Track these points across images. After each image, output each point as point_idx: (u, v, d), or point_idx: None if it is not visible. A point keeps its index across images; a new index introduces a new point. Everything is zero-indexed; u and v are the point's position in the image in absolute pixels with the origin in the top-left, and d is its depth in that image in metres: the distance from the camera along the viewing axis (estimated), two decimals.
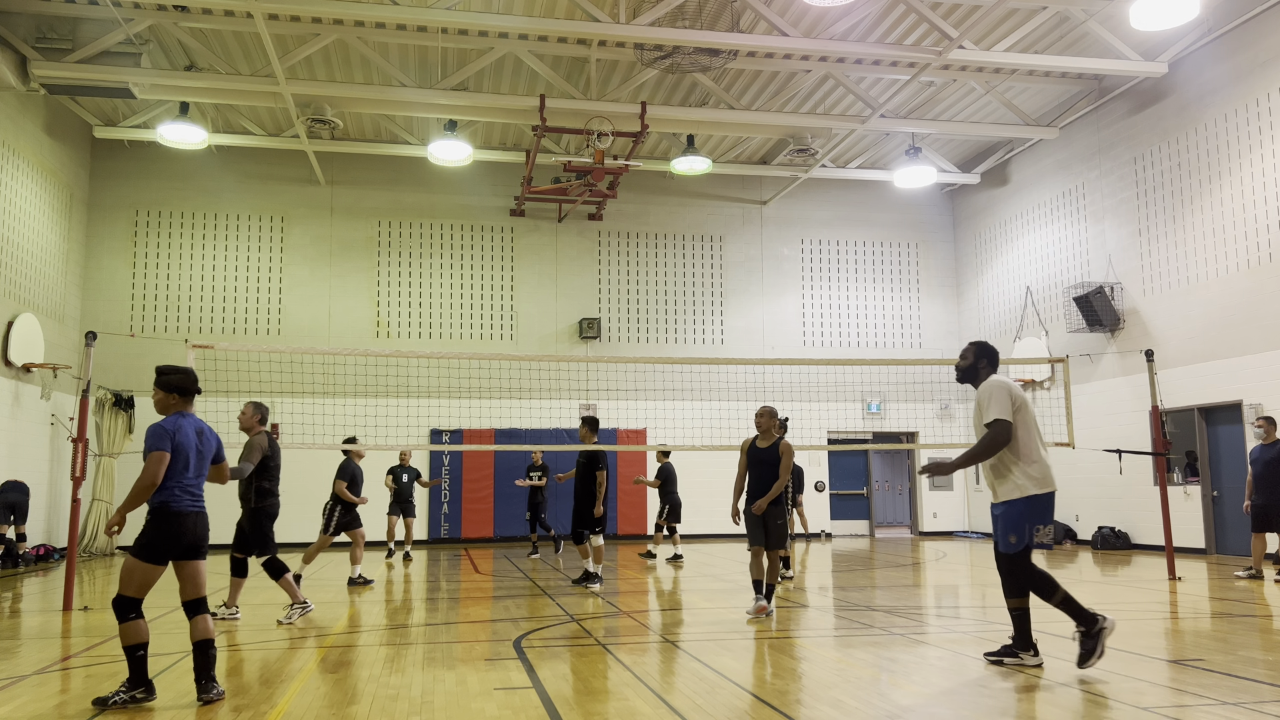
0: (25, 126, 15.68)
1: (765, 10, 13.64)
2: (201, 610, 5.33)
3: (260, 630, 7.94)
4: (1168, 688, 5.42)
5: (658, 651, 6.81)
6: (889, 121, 16.93)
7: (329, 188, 19.38)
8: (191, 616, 5.33)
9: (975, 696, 5.23)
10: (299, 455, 17.88)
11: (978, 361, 6.36)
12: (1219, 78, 14.59)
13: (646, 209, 20.58)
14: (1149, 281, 15.99)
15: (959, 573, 12.80)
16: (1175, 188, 15.49)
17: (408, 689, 5.54)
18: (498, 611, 8.90)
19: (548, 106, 15.08)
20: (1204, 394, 14.67)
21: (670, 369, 18.71)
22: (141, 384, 17.81)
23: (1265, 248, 13.79)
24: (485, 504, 18.98)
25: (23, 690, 5.59)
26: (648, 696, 5.29)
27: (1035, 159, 19.01)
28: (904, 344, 21.35)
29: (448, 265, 19.69)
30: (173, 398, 5.50)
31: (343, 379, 17.77)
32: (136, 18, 13.84)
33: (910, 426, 20.81)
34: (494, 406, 18.99)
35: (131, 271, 18.52)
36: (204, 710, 5.03)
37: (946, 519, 21.06)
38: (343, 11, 12.98)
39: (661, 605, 9.44)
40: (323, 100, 15.32)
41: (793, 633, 7.65)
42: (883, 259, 21.57)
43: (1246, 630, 7.55)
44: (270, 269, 19.05)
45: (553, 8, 13.77)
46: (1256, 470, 10.95)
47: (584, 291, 20.16)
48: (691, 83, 16.21)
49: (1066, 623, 6.38)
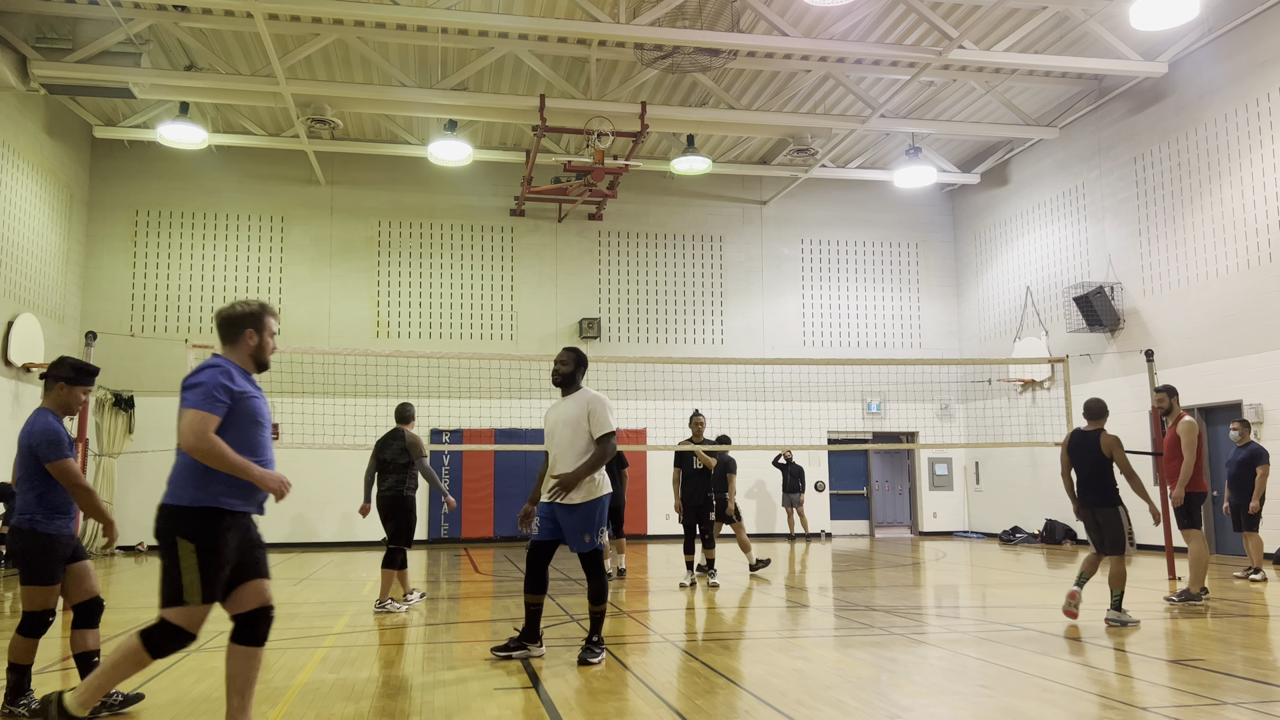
0: (25, 126, 15.68)
1: (765, 10, 13.64)
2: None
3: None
4: (1168, 688, 5.42)
5: (658, 651, 6.81)
6: (889, 121, 16.93)
7: (329, 188, 19.38)
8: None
9: (975, 696, 5.23)
10: (299, 455, 17.90)
11: (576, 370, 6.43)
12: (1219, 78, 14.59)
13: (646, 209, 20.58)
14: (1149, 281, 15.98)
15: (959, 573, 12.80)
16: (1175, 188, 15.49)
17: (407, 689, 5.54)
18: (498, 611, 8.90)
19: (548, 106, 15.08)
20: (1204, 394, 14.67)
21: (670, 369, 18.71)
22: (142, 384, 17.83)
23: (1265, 248, 13.79)
24: (485, 504, 18.98)
25: None
26: (648, 696, 5.29)
27: (1035, 159, 19.01)
28: (904, 344, 21.35)
29: (448, 265, 19.69)
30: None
31: (343, 379, 17.76)
32: (136, 18, 13.84)
33: (910, 426, 20.81)
34: (494, 406, 18.99)
35: (131, 271, 18.53)
36: (203, 710, 5.03)
37: (946, 519, 21.06)
38: (343, 11, 12.98)
39: (662, 605, 9.44)
40: (323, 100, 15.32)
41: (793, 633, 7.65)
42: (883, 259, 21.58)
43: (1246, 630, 7.54)
44: (270, 269, 19.05)
45: (553, 8, 13.77)
46: (1230, 471, 11.31)
47: (584, 291, 20.16)
48: (691, 83, 16.21)
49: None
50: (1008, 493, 19.63)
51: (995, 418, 19.70)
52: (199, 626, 3.97)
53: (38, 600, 4.97)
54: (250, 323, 4.24)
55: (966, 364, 20.08)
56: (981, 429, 20.29)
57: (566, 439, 6.21)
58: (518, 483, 18.84)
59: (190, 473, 3.96)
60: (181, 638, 3.92)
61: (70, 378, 5.11)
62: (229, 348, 4.24)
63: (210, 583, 3.93)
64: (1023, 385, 19.09)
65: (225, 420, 3.99)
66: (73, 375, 5.11)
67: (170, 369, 17.30)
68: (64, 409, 5.12)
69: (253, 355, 4.25)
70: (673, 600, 9.82)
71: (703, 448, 11.49)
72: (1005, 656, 6.28)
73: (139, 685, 5.65)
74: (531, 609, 6.39)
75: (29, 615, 4.96)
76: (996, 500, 20.08)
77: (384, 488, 8.97)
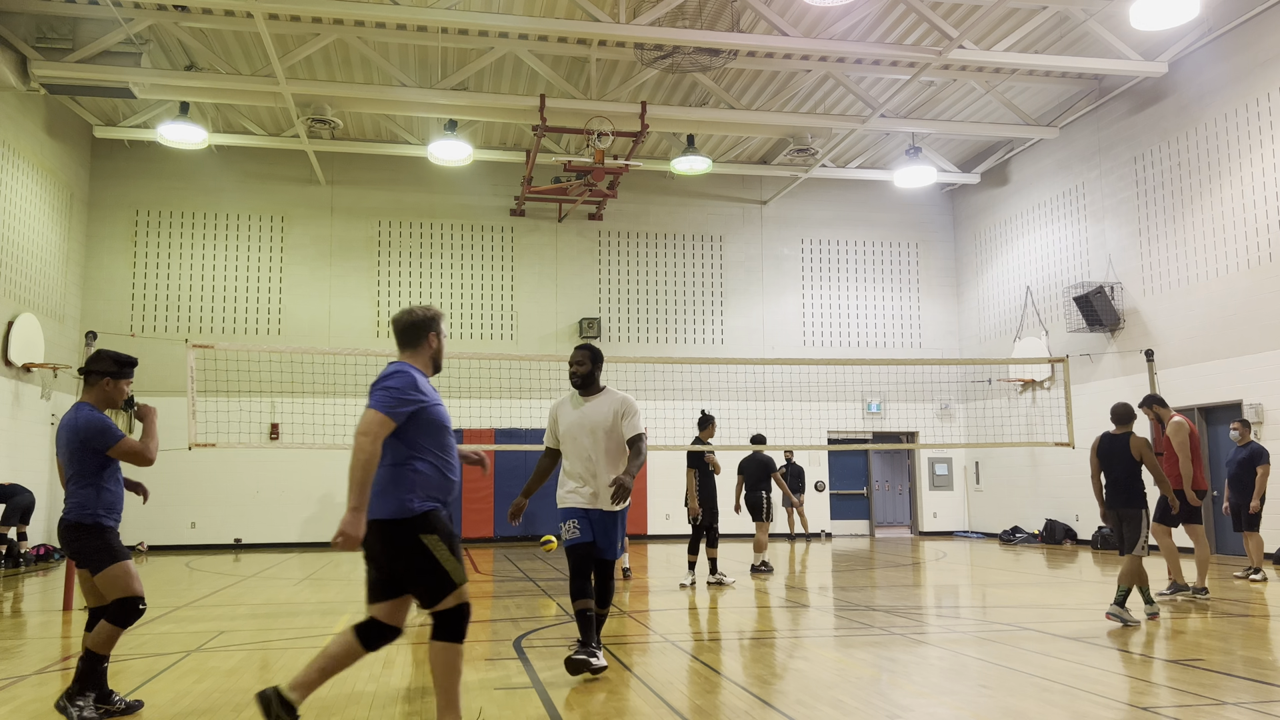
0: (25, 126, 15.68)
1: (765, 10, 13.64)
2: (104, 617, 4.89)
3: (260, 630, 7.94)
4: (1168, 688, 5.42)
5: (658, 651, 6.81)
6: (889, 121, 16.93)
7: (329, 188, 19.38)
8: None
9: (975, 696, 5.23)
10: (299, 455, 17.91)
11: (595, 368, 6.05)
12: (1219, 78, 14.59)
13: (646, 209, 20.59)
14: (1149, 281, 15.98)
15: (959, 573, 12.80)
16: (1175, 188, 15.49)
17: (408, 689, 5.54)
18: (498, 611, 8.90)
19: (548, 106, 15.08)
20: (1204, 394, 14.67)
21: (670, 369, 18.71)
22: (141, 384, 17.78)
23: (1265, 248, 13.79)
24: (485, 504, 18.99)
25: (23, 690, 5.59)
26: (648, 696, 5.29)
27: (1035, 159, 19.01)
28: (904, 344, 21.35)
29: (448, 265, 19.69)
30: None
31: (343, 379, 17.74)
32: (136, 18, 13.84)
33: (910, 426, 20.81)
34: (494, 406, 18.99)
35: (131, 271, 18.53)
36: (204, 710, 5.03)
37: (946, 519, 21.06)
38: (343, 11, 12.98)
39: (662, 605, 9.44)
40: (323, 100, 15.32)
41: (793, 633, 7.65)
42: (883, 259, 21.57)
43: (1246, 630, 7.54)
44: (270, 269, 19.05)
45: (553, 8, 13.77)
46: (1230, 470, 11.33)
47: (584, 291, 20.16)
48: (691, 83, 16.20)
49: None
50: (1008, 493, 19.63)
51: (995, 418, 19.70)
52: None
53: (121, 582, 4.83)
54: (432, 326, 4.30)
55: (966, 364, 20.08)
56: (981, 429, 20.29)
57: (599, 443, 5.87)
58: (518, 483, 18.82)
59: (403, 482, 4.03)
60: (467, 612, 4.09)
61: (115, 372, 5.12)
62: (410, 352, 4.29)
63: (461, 561, 4.13)
64: (1023, 385, 19.09)
65: (418, 425, 4.07)
66: (116, 369, 5.13)
67: (170, 369, 17.30)
68: (107, 403, 5.12)
69: (433, 358, 4.33)
70: (673, 600, 9.82)
71: (719, 447, 11.74)
72: (1005, 656, 6.28)
73: (137, 689, 5.66)
74: (586, 615, 5.88)
75: (120, 602, 4.81)
76: (996, 500, 20.08)
77: None
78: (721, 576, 11.14)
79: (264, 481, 18.17)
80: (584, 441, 5.91)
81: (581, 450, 5.92)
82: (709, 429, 11.46)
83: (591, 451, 5.88)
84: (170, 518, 17.37)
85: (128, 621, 4.84)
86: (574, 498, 5.94)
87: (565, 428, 6.01)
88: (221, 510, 18.03)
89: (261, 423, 17.74)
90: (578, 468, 5.94)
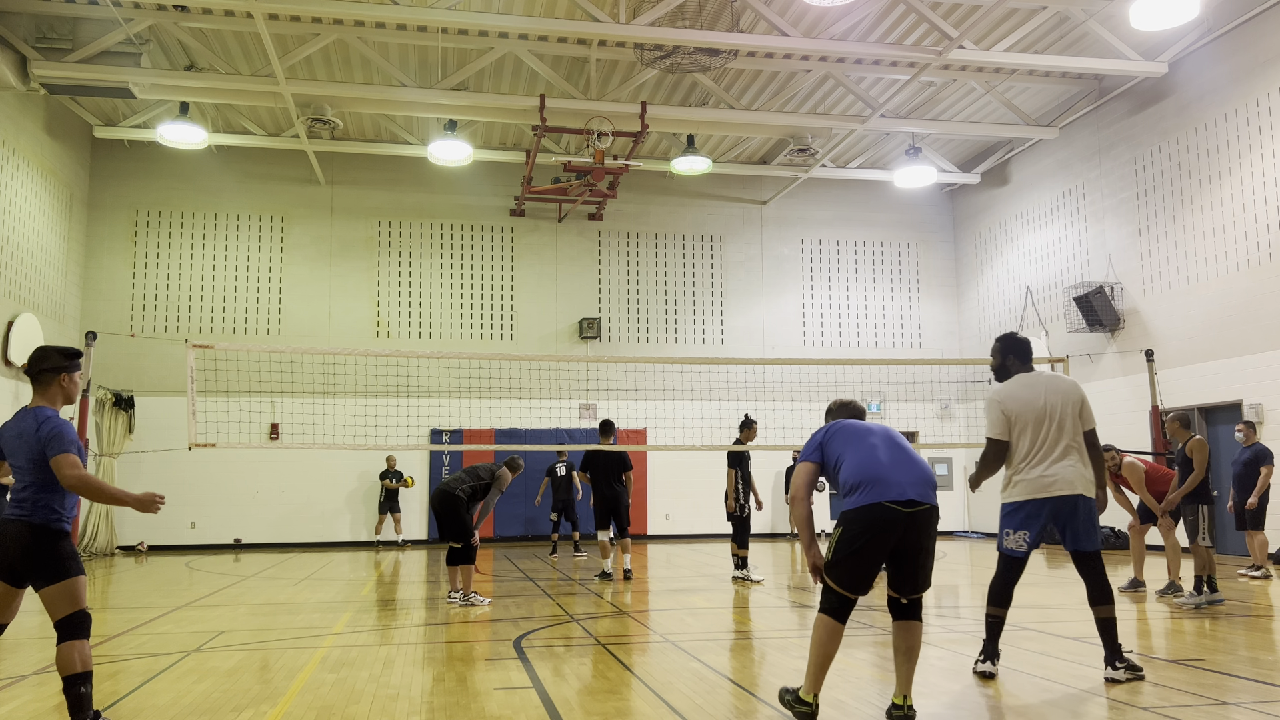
0: (25, 126, 15.68)
1: (765, 10, 13.64)
2: (63, 637, 4.36)
3: (260, 630, 7.93)
4: (1168, 688, 5.42)
5: (658, 651, 6.81)
6: (889, 121, 16.93)
7: (329, 188, 19.38)
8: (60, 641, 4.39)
9: (975, 696, 5.23)
10: (299, 455, 17.91)
11: (1005, 359, 6.33)
12: (1219, 78, 14.59)
13: (646, 209, 20.58)
14: (1149, 281, 15.99)
15: (959, 573, 12.80)
16: (1175, 188, 15.49)
17: (408, 689, 5.53)
18: (498, 611, 8.90)
19: (548, 106, 15.08)
20: (1204, 394, 14.67)
21: (670, 369, 18.70)
22: (142, 384, 17.83)
23: (1265, 248, 13.79)
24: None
25: (23, 690, 5.59)
26: (648, 696, 5.29)
27: (1035, 159, 19.01)
28: (904, 344, 21.35)
29: (448, 265, 19.69)
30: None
31: (343, 379, 17.77)
32: (136, 18, 13.84)
33: (910, 426, 20.80)
34: (494, 406, 18.99)
35: (131, 271, 18.52)
36: (203, 710, 5.03)
37: (946, 519, 21.05)
38: (343, 11, 12.98)
39: (662, 605, 9.44)
40: (323, 100, 15.32)
41: (793, 633, 7.65)
42: (883, 259, 21.58)
43: (1249, 629, 7.54)
44: (270, 269, 19.05)
45: (553, 8, 13.77)
46: (1235, 470, 11.49)
47: (584, 291, 20.16)
48: (691, 83, 16.21)
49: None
50: None
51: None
52: None
53: (78, 596, 4.41)
54: None
55: (966, 364, 20.08)
56: (981, 429, 20.25)
57: (1068, 427, 5.93)
58: (517, 483, 18.74)
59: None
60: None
61: (67, 366, 4.81)
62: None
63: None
64: None
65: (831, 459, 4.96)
66: (68, 363, 4.81)
67: (170, 369, 17.32)
68: (67, 400, 4.82)
69: None
70: (673, 600, 9.82)
71: (756, 446, 12.07)
72: (1005, 656, 6.28)
73: (137, 690, 5.66)
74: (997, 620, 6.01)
75: (71, 618, 4.36)
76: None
77: (451, 483, 9.70)
78: (748, 574, 11.30)
79: (264, 481, 18.17)
80: (1049, 425, 6.32)
81: (1048, 431, 6.32)
82: (749, 431, 11.61)
83: (1051, 434, 6.28)
84: (170, 518, 17.35)
85: (87, 631, 4.41)
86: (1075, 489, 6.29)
87: (1034, 406, 6.35)
88: (221, 510, 18.02)
89: (261, 423, 17.74)
90: (1049, 449, 6.38)
